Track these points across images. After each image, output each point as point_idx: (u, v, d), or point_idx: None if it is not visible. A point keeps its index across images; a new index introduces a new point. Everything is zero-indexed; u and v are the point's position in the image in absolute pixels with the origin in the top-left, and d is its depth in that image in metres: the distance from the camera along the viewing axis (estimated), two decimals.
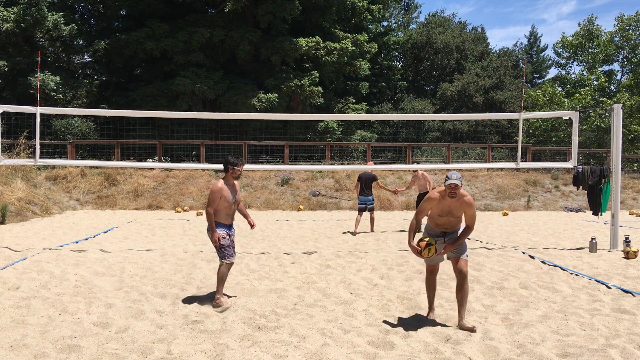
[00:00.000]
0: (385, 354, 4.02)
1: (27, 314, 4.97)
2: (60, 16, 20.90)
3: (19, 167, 15.62)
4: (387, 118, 29.95)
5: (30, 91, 19.92)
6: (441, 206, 4.68)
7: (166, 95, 23.36)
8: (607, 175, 9.34)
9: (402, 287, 6.17)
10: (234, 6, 22.24)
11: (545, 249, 9.18)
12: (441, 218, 4.74)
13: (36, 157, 9.06)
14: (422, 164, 23.98)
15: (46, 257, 7.86)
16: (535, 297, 5.74)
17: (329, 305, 5.40)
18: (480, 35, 43.81)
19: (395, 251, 8.81)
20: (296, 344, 4.20)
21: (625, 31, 30.10)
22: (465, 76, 36.77)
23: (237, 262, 7.76)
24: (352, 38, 26.89)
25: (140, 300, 5.54)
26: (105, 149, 20.92)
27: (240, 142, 20.21)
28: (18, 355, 3.94)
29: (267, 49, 24.15)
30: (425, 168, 19.47)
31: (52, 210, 14.69)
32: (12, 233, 10.72)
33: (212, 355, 4.00)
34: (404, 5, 44.88)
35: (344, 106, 28.81)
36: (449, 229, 4.78)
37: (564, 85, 33.00)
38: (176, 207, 16.29)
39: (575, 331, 4.55)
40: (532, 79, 47.50)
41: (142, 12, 24.35)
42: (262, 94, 23.44)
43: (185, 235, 10.69)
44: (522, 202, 18.08)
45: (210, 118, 16.76)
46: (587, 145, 29.02)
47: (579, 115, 9.51)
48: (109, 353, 3.99)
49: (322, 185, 18.49)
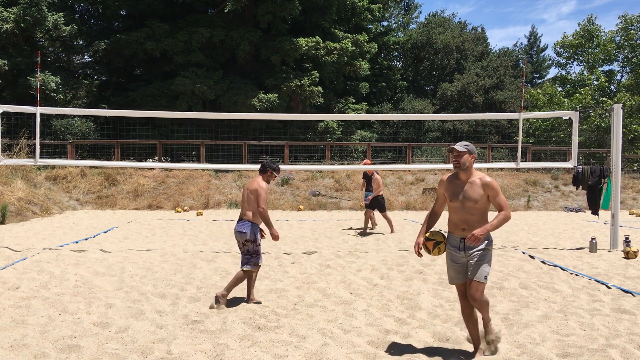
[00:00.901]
0: (385, 354, 4.02)
1: (27, 314, 4.97)
2: (60, 16, 20.89)
3: (19, 167, 15.62)
4: (387, 118, 29.95)
5: (30, 91, 19.92)
6: (452, 187, 4.01)
7: (166, 95, 23.36)
8: (607, 175, 9.34)
9: (402, 287, 6.16)
10: (234, 6, 22.24)
11: (545, 249, 9.18)
12: (454, 207, 3.98)
13: (36, 157, 9.07)
14: (422, 164, 24.00)
15: (46, 257, 7.86)
16: (535, 297, 5.74)
17: (329, 305, 5.40)
18: (480, 35, 43.80)
19: (395, 251, 8.81)
20: (296, 344, 4.20)
21: (627, 31, 30.09)
22: (465, 76, 36.76)
23: (237, 262, 7.76)
24: (352, 38, 26.88)
25: (140, 300, 5.54)
26: (105, 149, 20.92)
27: (240, 142, 20.20)
28: (18, 355, 3.94)
29: (267, 49, 24.15)
30: (425, 168, 19.58)
31: (52, 210, 14.69)
32: (12, 233, 10.72)
33: (212, 355, 4.00)
34: (404, 5, 44.85)
35: (344, 106, 28.80)
36: (467, 229, 3.94)
37: (564, 85, 32.99)
38: (176, 207, 16.29)
39: (575, 331, 4.54)
40: (532, 79, 47.50)
41: (142, 12, 24.35)
42: (262, 94, 23.44)
43: (185, 235, 10.69)
44: (522, 202, 18.08)
45: (210, 118, 16.76)
46: (587, 145, 29.01)
47: (579, 115, 9.52)
48: (109, 353, 3.99)
49: (322, 185, 18.49)
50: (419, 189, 18.46)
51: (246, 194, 5.51)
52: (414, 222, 13.53)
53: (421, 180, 19.02)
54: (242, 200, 5.56)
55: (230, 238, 10.32)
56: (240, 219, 5.51)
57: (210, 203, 16.85)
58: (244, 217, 5.48)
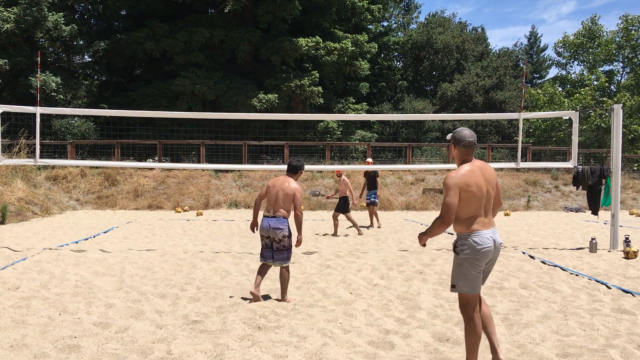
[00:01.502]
0: (385, 354, 4.02)
1: (27, 314, 4.97)
2: (61, 16, 20.89)
3: (19, 167, 15.62)
4: (387, 118, 29.96)
5: (30, 91, 19.91)
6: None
7: (166, 96, 23.36)
8: (607, 176, 9.34)
9: (402, 287, 6.16)
10: (234, 6, 22.24)
11: (545, 249, 9.18)
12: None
13: (36, 157, 9.07)
14: (422, 164, 24.00)
15: (46, 257, 7.86)
16: (535, 297, 5.74)
17: (329, 305, 5.40)
18: (480, 35, 43.80)
19: (395, 251, 8.81)
20: (296, 344, 4.20)
21: (627, 31, 30.08)
22: (465, 76, 36.77)
23: (237, 262, 7.76)
24: (352, 38, 26.88)
25: (140, 300, 5.54)
26: (105, 149, 20.92)
27: (240, 142, 20.20)
28: (18, 355, 3.94)
29: (267, 49, 24.15)
30: (425, 168, 19.58)
31: (52, 210, 14.69)
32: (12, 233, 10.72)
33: (212, 355, 4.00)
34: (404, 5, 44.87)
35: (344, 106, 28.80)
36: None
37: (564, 85, 32.99)
38: (176, 207, 16.29)
39: (575, 331, 4.54)
40: (532, 79, 47.50)
41: (142, 12, 24.35)
42: (262, 94, 23.44)
43: (185, 235, 10.69)
44: (522, 202, 18.08)
45: (210, 118, 16.76)
46: (587, 145, 29.02)
47: (579, 115, 9.51)
48: (109, 353, 3.98)
49: (322, 185, 18.49)
50: (419, 189, 18.47)
51: (280, 193, 5.55)
52: (414, 222, 13.53)
53: (421, 181, 19.02)
54: (272, 198, 5.60)
55: (230, 238, 10.32)
56: (273, 215, 5.54)
57: (210, 203, 16.85)
58: (278, 213, 5.53)
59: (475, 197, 3.47)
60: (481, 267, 3.54)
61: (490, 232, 3.53)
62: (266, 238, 5.55)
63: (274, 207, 5.57)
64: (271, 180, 5.75)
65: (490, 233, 3.52)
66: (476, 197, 3.47)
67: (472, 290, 3.54)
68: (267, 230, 5.51)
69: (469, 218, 3.49)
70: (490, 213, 3.64)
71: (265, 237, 5.56)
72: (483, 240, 3.47)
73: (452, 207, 3.40)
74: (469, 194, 3.45)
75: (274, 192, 5.60)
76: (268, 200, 5.66)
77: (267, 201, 5.68)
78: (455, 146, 3.62)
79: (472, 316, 3.56)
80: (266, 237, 5.55)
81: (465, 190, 3.44)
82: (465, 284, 3.52)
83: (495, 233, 3.57)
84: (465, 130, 3.61)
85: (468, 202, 3.46)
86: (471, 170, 3.52)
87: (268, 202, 5.64)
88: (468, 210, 3.48)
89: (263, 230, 5.56)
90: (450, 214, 3.40)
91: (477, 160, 3.62)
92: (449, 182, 3.43)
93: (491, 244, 3.50)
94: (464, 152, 3.60)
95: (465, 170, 3.51)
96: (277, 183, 5.65)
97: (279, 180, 5.67)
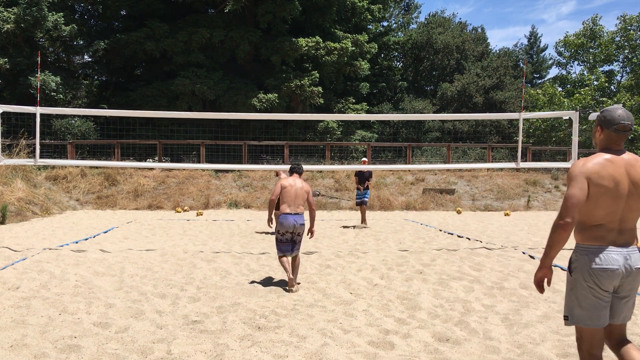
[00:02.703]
0: (385, 354, 4.02)
1: (27, 314, 4.97)
2: (61, 16, 20.89)
3: (19, 167, 15.62)
4: (387, 118, 29.97)
5: (30, 91, 19.91)
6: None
7: (166, 96, 23.36)
8: None
9: (402, 287, 6.16)
10: (234, 6, 22.24)
11: None
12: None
13: (36, 157, 9.06)
14: (422, 164, 24.00)
15: (46, 257, 7.86)
16: (535, 297, 5.74)
17: (329, 305, 5.40)
18: (480, 35, 43.82)
19: (395, 251, 8.81)
20: (296, 344, 4.20)
21: (626, 31, 30.08)
22: (465, 76, 36.78)
23: (237, 262, 7.76)
24: (352, 38, 26.89)
25: (140, 300, 5.54)
26: (105, 149, 20.92)
27: (240, 142, 20.20)
28: (18, 355, 3.94)
29: (267, 49, 24.15)
30: (425, 168, 19.58)
31: (52, 210, 14.69)
32: (12, 233, 10.72)
33: (212, 355, 4.00)
34: (404, 5, 44.89)
35: (344, 106, 28.80)
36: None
37: (564, 85, 32.99)
38: (176, 207, 16.29)
39: (575, 331, 4.54)
40: (532, 79, 47.51)
41: (142, 12, 24.35)
42: (262, 94, 23.44)
43: (185, 235, 10.69)
44: (522, 202, 18.07)
45: (210, 118, 16.78)
46: (587, 145, 29.00)
47: (579, 115, 9.52)
48: (109, 353, 3.98)
49: (322, 185, 18.49)
50: (419, 189, 18.46)
51: (300, 192, 6.13)
52: (414, 222, 13.53)
53: (421, 180, 19.02)
54: (292, 197, 6.09)
55: (230, 238, 10.32)
56: (296, 212, 6.08)
57: (210, 203, 16.85)
58: (298, 210, 6.11)
59: (609, 197, 2.58)
60: (603, 294, 2.64)
61: (623, 251, 2.61)
62: (290, 233, 6.05)
63: (295, 205, 6.09)
64: (284, 181, 6.16)
65: (623, 251, 2.61)
66: (610, 197, 2.58)
67: (590, 321, 2.68)
68: (294, 227, 6.04)
69: (596, 226, 2.63)
70: (632, 225, 2.68)
71: (289, 233, 6.05)
72: (606, 258, 2.59)
73: (574, 201, 2.54)
74: (600, 190, 2.57)
75: (293, 191, 6.11)
76: (287, 198, 6.10)
77: (286, 200, 6.10)
78: (602, 129, 2.72)
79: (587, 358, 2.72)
80: (290, 233, 6.05)
81: (595, 183, 2.56)
82: (581, 313, 2.71)
83: (633, 253, 2.64)
84: (620, 109, 2.71)
85: (597, 201, 2.59)
86: (610, 160, 2.62)
87: (287, 200, 6.08)
88: (596, 214, 2.61)
89: (289, 227, 6.02)
90: (572, 209, 2.54)
91: (627, 152, 2.72)
92: (574, 170, 2.61)
93: (618, 266, 2.59)
94: (613, 139, 2.70)
95: (602, 158, 2.62)
96: (292, 183, 6.16)
97: (291, 180, 6.19)
